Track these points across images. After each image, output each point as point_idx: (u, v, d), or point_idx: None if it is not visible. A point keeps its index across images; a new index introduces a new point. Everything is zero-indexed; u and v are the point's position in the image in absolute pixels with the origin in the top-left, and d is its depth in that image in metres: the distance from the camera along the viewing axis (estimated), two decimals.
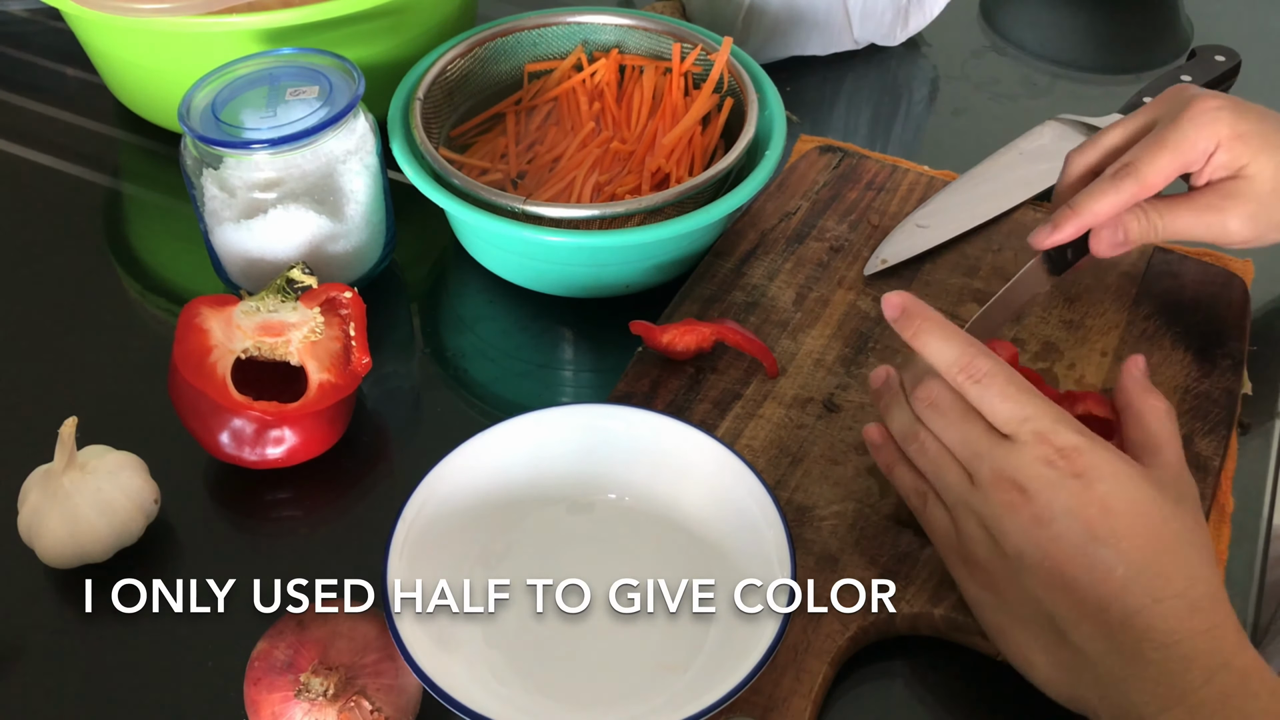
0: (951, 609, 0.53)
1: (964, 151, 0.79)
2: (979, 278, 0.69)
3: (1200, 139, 0.59)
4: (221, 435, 0.58)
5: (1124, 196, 0.59)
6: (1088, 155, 0.63)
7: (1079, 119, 0.80)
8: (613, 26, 0.78)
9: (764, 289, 0.68)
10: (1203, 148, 0.59)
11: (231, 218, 0.65)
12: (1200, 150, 0.59)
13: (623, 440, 0.57)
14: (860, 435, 0.60)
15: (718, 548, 0.55)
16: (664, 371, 0.63)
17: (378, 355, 0.67)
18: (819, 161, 0.77)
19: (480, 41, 0.76)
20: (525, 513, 0.57)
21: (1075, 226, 0.60)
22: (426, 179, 0.67)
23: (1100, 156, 0.63)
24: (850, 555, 0.55)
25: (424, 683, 0.46)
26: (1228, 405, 0.62)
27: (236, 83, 0.66)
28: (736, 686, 0.46)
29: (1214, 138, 0.59)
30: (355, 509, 0.61)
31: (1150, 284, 0.69)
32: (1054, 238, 0.61)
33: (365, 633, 0.48)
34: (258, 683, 0.47)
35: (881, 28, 0.91)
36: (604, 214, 0.65)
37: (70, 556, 0.55)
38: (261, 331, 0.59)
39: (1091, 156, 0.63)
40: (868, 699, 0.53)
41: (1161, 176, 0.59)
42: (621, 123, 0.75)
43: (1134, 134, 0.62)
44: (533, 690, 0.50)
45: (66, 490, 0.55)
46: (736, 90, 0.74)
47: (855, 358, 0.65)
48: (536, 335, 0.70)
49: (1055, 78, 0.91)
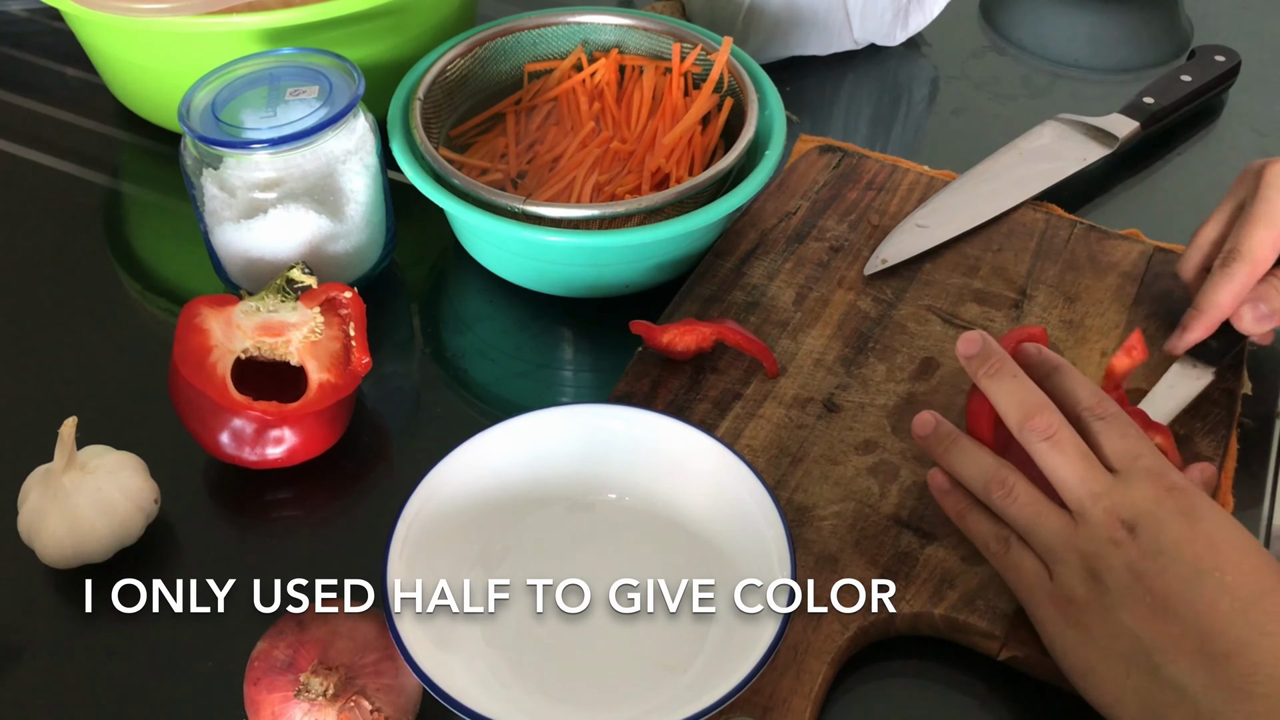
0: (951, 609, 0.53)
1: (964, 151, 0.79)
2: (979, 278, 0.69)
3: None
4: (221, 435, 0.58)
5: (1239, 283, 0.61)
6: (1193, 258, 0.65)
7: (1079, 119, 0.80)
8: (613, 26, 0.78)
9: (764, 289, 0.68)
10: None
11: (231, 218, 0.65)
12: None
13: (623, 440, 0.57)
14: (860, 435, 0.60)
15: (718, 548, 0.55)
16: (664, 371, 0.63)
17: (378, 355, 0.67)
18: (819, 161, 0.77)
19: (480, 41, 0.76)
20: (525, 513, 0.57)
21: (1205, 325, 0.62)
22: (426, 179, 0.67)
23: (1205, 254, 0.65)
24: (850, 555, 0.55)
25: (424, 683, 0.46)
26: (1228, 405, 0.62)
27: (236, 83, 0.66)
28: (736, 686, 0.46)
29: None
30: (355, 509, 0.61)
31: (1150, 284, 0.69)
32: (1186, 339, 0.63)
33: (365, 633, 0.48)
34: (258, 683, 0.47)
35: (881, 28, 0.91)
36: (604, 214, 0.65)
37: (70, 556, 0.55)
38: (261, 331, 0.59)
39: (1197, 258, 0.65)
40: (868, 699, 0.53)
41: (1266, 250, 0.61)
42: (621, 123, 0.75)
43: (1226, 221, 0.64)
44: (533, 690, 0.50)
45: (66, 490, 0.55)
46: (736, 90, 0.74)
47: (855, 358, 0.65)
48: (536, 335, 0.70)
49: (1055, 78, 0.91)
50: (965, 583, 0.54)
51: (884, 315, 0.67)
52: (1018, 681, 0.53)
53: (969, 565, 0.55)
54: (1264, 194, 0.61)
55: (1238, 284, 0.61)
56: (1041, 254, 0.71)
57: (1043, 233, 0.72)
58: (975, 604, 0.53)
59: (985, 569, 0.54)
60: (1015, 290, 0.68)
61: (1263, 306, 0.62)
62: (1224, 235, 0.64)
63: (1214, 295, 0.62)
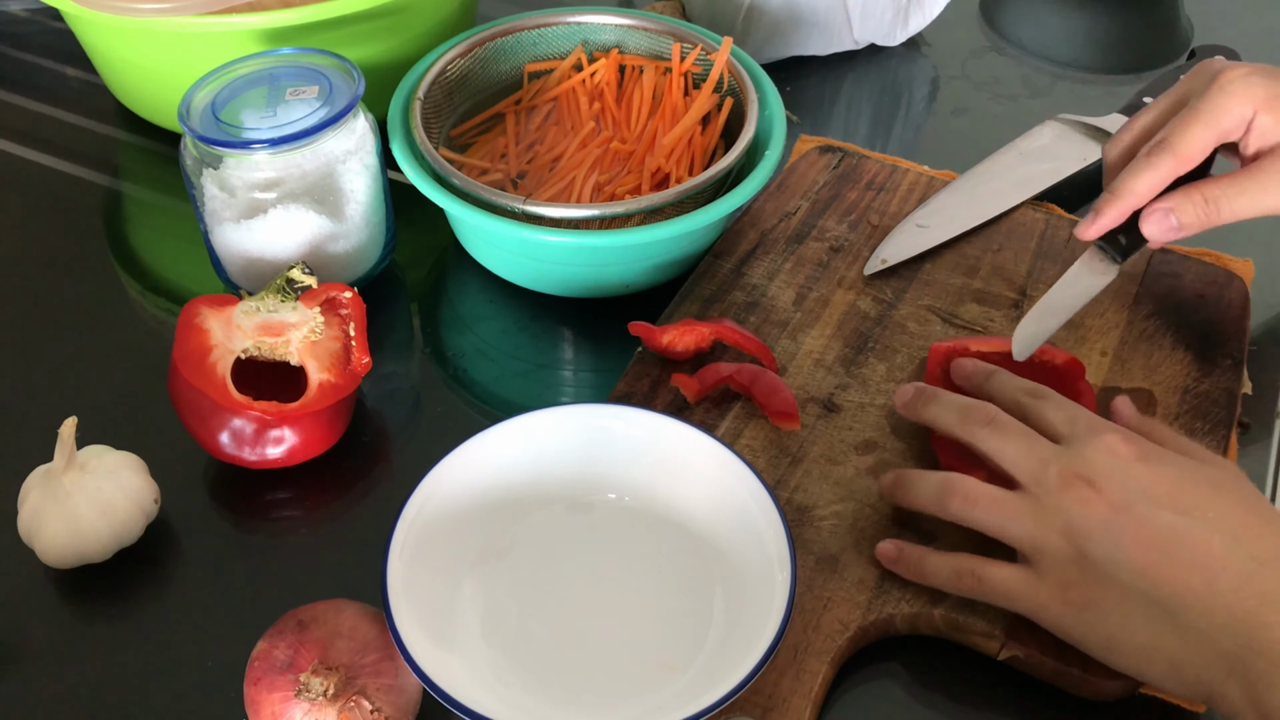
0: (951, 609, 0.53)
1: (964, 151, 0.79)
2: (979, 278, 0.69)
3: (1234, 106, 0.58)
4: (221, 435, 0.58)
5: (1161, 173, 0.58)
6: (1123, 139, 0.63)
7: (1079, 119, 0.80)
8: (613, 26, 0.78)
9: (764, 289, 0.68)
10: (1238, 114, 0.58)
11: (231, 218, 0.65)
12: (1236, 117, 0.58)
13: (623, 440, 0.57)
14: (860, 435, 0.60)
15: (718, 548, 0.55)
16: (664, 371, 0.63)
17: (378, 355, 0.67)
18: (819, 161, 0.77)
19: (480, 41, 0.76)
20: (525, 513, 0.57)
21: (1117, 210, 0.60)
22: (426, 179, 0.67)
23: (1135, 138, 0.62)
24: (850, 555, 0.55)
25: (424, 683, 0.46)
26: (1228, 405, 0.62)
27: (236, 83, 0.66)
28: (736, 686, 0.46)
29: (1249, 103, 0.58)
30: (355, 509, 0.61)
31: (1150, 284, 0.69)
32: (1097, 224, 0.60)
33: (365, 633, 0.48)
34: (258, 683, 0.47)
35: (881, 28, 0.91)
36: (604, 214, 0.65)
37: (70, 556, 0.55)
38: (261, 331, 0.59)
39: (1126, 139, 0.63)
40: (868, 699, 0.53)
41: (1197, 148, 0.58)
42: (621, 123, 0.75)
43: (1166, 112, 0.61)
44: (533, 690, 0.50)
45: (66, 490, 0.55)
46: (736, 90, 0.74)
47: (855, 358, 0.65)
48: (536, 335, 0.70)
49: (1055, 78, 0.91)
50: None
51: (884, 315, 0.67)
52: (1018, 681, 0.53)
53: None
54: (1212, 95, 0.58)
55: (1159, 174, 0.59)
56: (1041, 254, 0.71)
57: (1043, 233, 0.72)
58: (975, 604, 0.53)
59: None
60: (1015, 290, 0.68)
61: (1173, 219, 0.59)
62: (1159, 125, 0.61)
63: (1132, 182, 0.59)
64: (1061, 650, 0.51)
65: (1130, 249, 0.62)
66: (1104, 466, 0.49)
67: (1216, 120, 0.58)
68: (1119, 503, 0.48)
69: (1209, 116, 0.58)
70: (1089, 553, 0.48)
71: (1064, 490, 0.49)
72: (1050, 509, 0.49)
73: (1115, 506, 0.48)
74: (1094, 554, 0.48)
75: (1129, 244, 0.62)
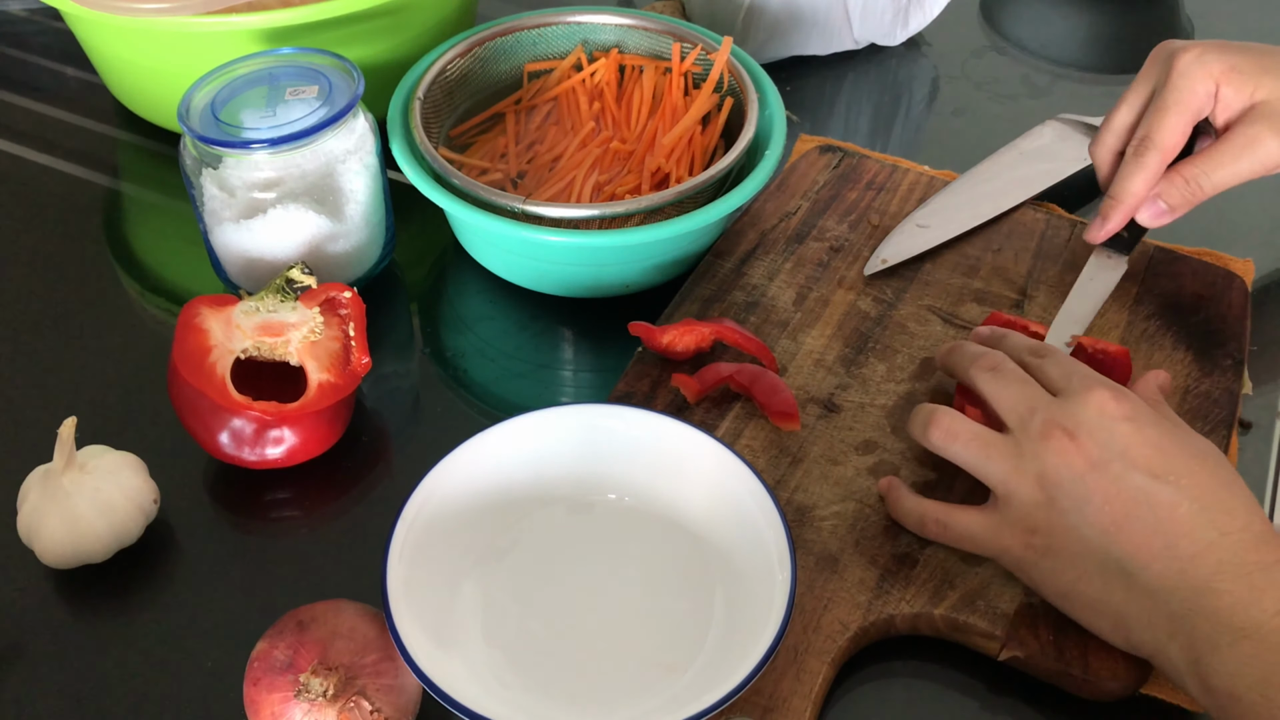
0: (951, 609, 0.53)
1: (964, 151, 0.79)
2: (979, 278, 0.69)
3: (1197, 85, 0.61)
4: (221, 435, 0.58)
5: (1152, 169, 0.63)
6: (1106, 140, 0.66)
7: (1079, 119, 0.80)
8: (613, 26, 0.78)
9: (764, 289, 0.68)
10: (1203, 92, 0.61)
11: (231, 217, 0.65)
12: (1202, 95, 0.61)
13: (623, 440, 0.57)
14: (860, 435, 0.60)
15: (718, 548, 0.55)
16: (664, 371, 0.63)
17: (378, 355, 0.67)
18: (819, 161, 0.77)
19: (480, 41, 0.76)
20: (525, 513, 0.57)
21: (1121, 214, 0.65)
22: (426, 179, 0.67)
23: (1116, 136, 0.66)
24: (850, 555, 0.55)
25: (424, 683, 0.46)
26: (1228, 405, 0.62)
27: (236, 83, 0.66)
28: (736, 686, 0.46)
29: (1209, 79, 0.61)
30: (355, 509, 0.61)
31: (1150, 284, 0.69)
32: (1107, 229, 0.65)
33: (365, 633, 0.48)
34: (257, 683, 0.47)
35: (881, 27, 0.91)
36: (604, 214, 0.65)
37: (70, 556, 0.55)
38: (261, 331, 0.59)
39: (1110, 140, 0.66)
40: (868, 699, 0.53)
41: (1176, 136, 0.62)
42: (621, 122, 0.75)
43: (1139, 106, 0.65)
44: (533, 690, 0.50)
45: (66, 490, 0.55)
46: (736, 90, 0.74)
47: (855, 358, 0.64)
48: (536, 335, 0.70)
49: (1055, 78, 0.91)
50: (965, 583, 0.54)
51: (884, 315, 0.67)
52: (1018, 681, 0.53)
53: (969, 565, 0.55)
54: (1174, 82, 0.62)
55: (1151, 172, 0.63)
56: (1042, 254, 0.71)
57: (1043, 233, 0.72)
58: (975, 604, 0.53)
59: (985, 569, 0.54)
60: (1015, 290, 0.68)
61: (1161, 204, 0.64)
62: (1137, 120, 0.65)
63: (1129, 184, 0.63)
64: (1062, 651, 0.51)
65: (1133, 241, 0.67)
66: (1089, 421, 0.50)
67: (1186, 104, 0.62)
68: (1095, 459, 0.49)
69: (1178, 103, 0.62)
70: (1057, 502, 0.50)
71: (1044, 439, 0.50)
72: (1029, 455, 0.51)
73: (1091, 462, 0.49)
74: (1061, 504, 0.50)
75: (1131, 236, 0.67)
